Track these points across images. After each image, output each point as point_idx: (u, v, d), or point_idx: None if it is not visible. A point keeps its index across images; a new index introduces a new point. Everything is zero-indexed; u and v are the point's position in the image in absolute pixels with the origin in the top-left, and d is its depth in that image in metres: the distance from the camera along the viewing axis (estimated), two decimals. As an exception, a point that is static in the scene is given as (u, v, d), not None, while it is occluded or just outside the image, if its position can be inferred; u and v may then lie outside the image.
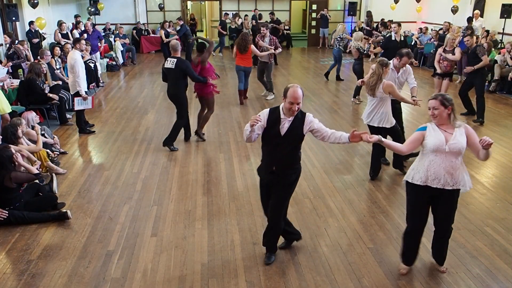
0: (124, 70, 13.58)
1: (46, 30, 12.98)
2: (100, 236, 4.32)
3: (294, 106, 3.43)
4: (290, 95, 3.41)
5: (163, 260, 3.93)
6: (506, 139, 7.24)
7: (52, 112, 8.12)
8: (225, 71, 13.42)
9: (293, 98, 3.41)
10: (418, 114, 8.52)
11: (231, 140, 7.08)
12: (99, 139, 7.18)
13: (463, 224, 4.54)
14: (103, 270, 3.79)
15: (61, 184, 5.46)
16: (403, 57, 5.83)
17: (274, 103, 9.38)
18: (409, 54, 5.86)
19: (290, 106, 3.43)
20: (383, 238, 4.28)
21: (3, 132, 5.43)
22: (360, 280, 3.66)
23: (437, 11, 16.77)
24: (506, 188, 5.42)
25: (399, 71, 5.95)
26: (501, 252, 4.06)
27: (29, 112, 6.28)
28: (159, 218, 4.65)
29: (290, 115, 3.49)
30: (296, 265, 3.85)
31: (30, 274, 3.73)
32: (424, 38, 14.77)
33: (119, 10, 17.50)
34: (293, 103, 3.42)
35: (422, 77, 12.04)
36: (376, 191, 5.34)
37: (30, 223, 4.49)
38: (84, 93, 7.14)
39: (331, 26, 17.84)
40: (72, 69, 7.05)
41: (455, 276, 3.71)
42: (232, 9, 18.36)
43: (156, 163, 6.16)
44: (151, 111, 8.83)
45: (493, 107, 9.28)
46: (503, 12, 12.19)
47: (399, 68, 5.93)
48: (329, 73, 11.83)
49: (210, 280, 3.66)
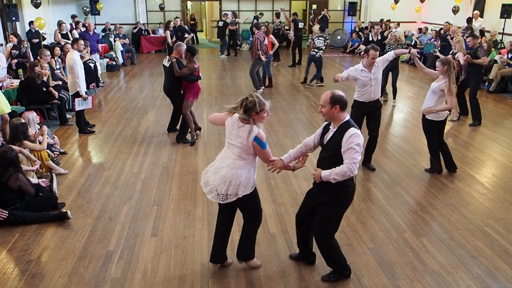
0: (124, 70, 13.58)
1: (46, 30, 13.00)
2: (100, 236, 4.32)
3: (321, 108, 3.37)
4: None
5: (163, 260, 3.93)
6: (506, 139, 7.24)
7: (52, 112, 8.13)
8: (225, 71, 13.42)
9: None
10: (418, 114, 8.52)
11: (231, 140, 7.08)
12: (99, 139, 7.18)
13: (463, 224, 4.54)
14: (103, 270, 3.79)
15: (61, 184, 5.46)
16: (369, 51, 5.46)
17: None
18: (373, 47, 5.55)
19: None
20: (383, 238, 4.28)
21: (13, 130, 5.43)
22: (360, 280, 3.66)
23: (437, 11, 16.77)
24: (506, 188, 5.42)
25: (372, 69, 5.54)
26: (501, 252, 4.06)
27: (29, 112, 6.28)
28: (159, 218, 4.65)
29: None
30: (296, 265, 3.85)
31: (30, 274, 3.73)
32: (424, 38, 14.78)
33: (119, 10, 17.50)
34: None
35: (422, 77, 12.04)
36: (376, 191, 5.34)
37: (30, 223, 4.49)
38: (84, 93, 7.15)
39: (331, 26, 17.86)
40: (71, 70, 7.05)
41: (455, 276, 3.71)
42: (232, 9, 18.37)
43: (156, 163, 6.16)
44: (151, 111, 8.83)
45: (493, 107, 9.28)
46: (503, 12, 12.19)
47: (371, 66, 5.53)
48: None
49: (210, 280, 3.66)
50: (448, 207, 4.91)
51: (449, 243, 4.19)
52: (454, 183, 5.54)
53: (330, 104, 3.27)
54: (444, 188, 5.41)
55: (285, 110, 8.90)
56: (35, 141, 5.60)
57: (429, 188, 5.41)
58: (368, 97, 5.61)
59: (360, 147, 3.23)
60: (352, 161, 3.19)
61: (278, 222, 4.57)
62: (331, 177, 3.25)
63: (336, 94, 3.30)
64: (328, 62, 15.05)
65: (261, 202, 3.94)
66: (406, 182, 5.58)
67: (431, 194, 5.25)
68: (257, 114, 3.31)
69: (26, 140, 5.41)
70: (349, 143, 3.20)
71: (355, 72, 5.57)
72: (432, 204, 4.98)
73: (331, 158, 3.32)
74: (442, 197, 5.17)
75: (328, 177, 3.26)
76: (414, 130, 7.72)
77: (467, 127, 7.83)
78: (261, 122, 3.38)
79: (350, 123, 3.30)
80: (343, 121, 3.31)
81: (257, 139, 3.32)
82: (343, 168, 3.20)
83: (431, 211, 4.82)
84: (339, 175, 3.22)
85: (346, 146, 3.21)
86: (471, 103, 7.93)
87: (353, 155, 3.19)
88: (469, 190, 5.36)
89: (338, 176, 3.22)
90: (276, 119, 8.15)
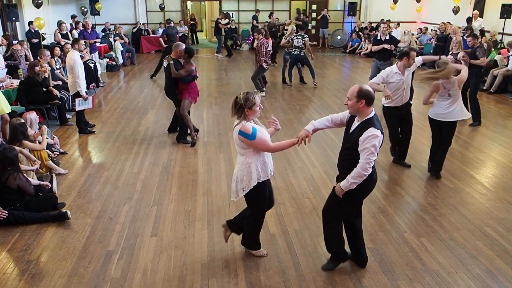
0: (124, 70, 13.58)
1: (46, 30, 12.99)
2: (100, 236, 4.32)
3: (347, 101, 3.40)
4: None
5: (163, 260, 3.93)
6: (506, 139, 7.24)
7: (52, 112, 8.12)
8: (225, 71, 13.42)
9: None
10: (418, 114, 8.52)
11: (231, 140, 7.08)
12: (99, 139, 7.18)
13: (463, 224, 4.54)
14: (103, 270, 3.79)
15: (61, 184, 5.46)
16: (409, 53, 5.38)
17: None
18: (412, 48, 5.51)
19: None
20: (383, 238, 4.28)
21: (12, 131, 5.43)
22: (360, 280, 3.66)
23: (437, 11, 16.77)
24: (506, 188, 5.42)
25: (405, 71, 5.48)
26: (501, 252, 4.06)
27: (30, 112, 6.28)
28: (159, 218, 4.65)
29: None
30: (296, 265, 3.85)
31: (30, 274, 3.73)
32: (424, 38, 14.78)
33: (119, 10, 17.49)
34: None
35: (422, 77, 12.03)
36: (376, 191, 5.33)
37: (30, 223, 4.49)
38: (85, 93, 7.15)
39: (331, 26, 17.86)
40: (71, 70, 7.05)
41: (455, 276, 3.71)
42: (232, 9, 18.38)
43: (156, 163, 6.16)
44: (151, 111, 8.83)
45: (493, 107, 9.28)
46: (503, 12, 12.19)
47: (404, 69, 5.46)
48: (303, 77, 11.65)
49: (210, 280, 3.66)
50: (448, 207, 4.91)
51: (449, 243, 4.19)
52: (454, 183, 5.54)
53: (357, 98, 3.30)
54: (444, 188, 5.41)
55: (285, 110, 8.90)
56: (35, 141, 5.60)
57: (429, 188, 5.41)
58: (400, 101, 5.60)
59: (376, 149, 3.27)
60: (367, 161, 3.25)
61: (278, 222, 4.56)
62: (349, 183, 3.34)
63: (364, 88, 3.33)
64: (328, 62, 15.07)
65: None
66: (406, 182, 5.58)
67: (431, 194, 5.25)
68: (250, 109, 3.45)
69: (25, 140, 5.41)
70: (366, 143, 3.24)
71: (389, 76, 5.47)
72: (432, 204, 4.98)
73: (348, 150, 3.41)
74: (442, 197, 5.17)
75: (347, 184, 3.35)
76: (414, 130, 7.67)
77: (467, 127, 7.83)
78: (255, 116, 3.52)
79: (372, 121, 3.31)
80: (367, 117, 3.33)
81: (241, 133, 3.43)
82: (357, 170, 3.28)
83: (431, 211, 4.82)
84: (355, 177, 3.30)
85: (363, 145, 3.26)
86: (471, 103, 7.92)
87: (368, 156, 3.24)
88: (469, 190, 5.36)
89: (355, 179, 3.31)
90: (276, 119, 8.12)
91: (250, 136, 3.40)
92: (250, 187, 3.52)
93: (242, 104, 3.44)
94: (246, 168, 3.52)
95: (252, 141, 3.41)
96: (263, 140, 3.46)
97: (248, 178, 3.52)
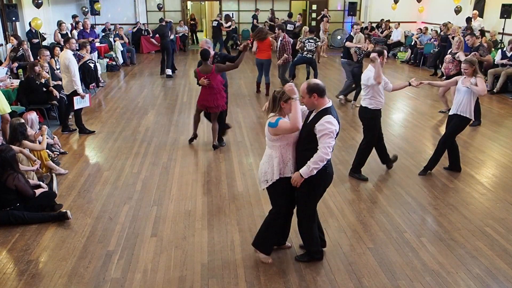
0: (124, 70, 13.58)
1: (46, 30, 12.99)
2: (100, 236, 4.32)
3: (302, 99, 3.53)
4: None
5: (163, 260, 3.93)
6: (506, 139, 7.24)
7: (52, 112, 8.12)
8: (225, 71, 13.39)
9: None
10: (418, 114, 8.52)
11: (231, 140, 7.08)
12: (99, 139, 7.18)
13: (463, 224, 4.54)
14: (103, 270, 3.79)
15: (61, 184, 5.46)
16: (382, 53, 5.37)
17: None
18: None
19: None
20: (383, 238, 4.28)
21: (12, 131, 5.43)
22: (360, 280, 3.66)
23: (437, 11, 16.77)
24: (506, 188, 5.42)
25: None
26: (501, 252, 4.06)
27: (30, 112, 6.28)
28: (159, 218, 4.65)
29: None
30: (296, 265, 3.85)
31: (30, 274, 3.73)
32: (424, 38, 14.77)
33: (119, 10, 17.49)
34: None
35: (422, 77, 12.05)
36: (376, 191, 5.34)
37: (30, 223, 4.49)
38: (82, 91, 7.14)
39: (331, 26, 17.85)
40: (66, 69, 7.01)
41: (455, 276, 3.71)
42: (232, 9, 18.38)
43: (156, 163, 6.16)
44: (151, 111, 8.83)
45: (493, 107, 9.28)
46: (503, 12, 12.19)
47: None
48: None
49: (210, 280, 3.66)
50: (448, 207, 4.92)
51: (449, 243, 4.19)
52: (454, 183, 5.54)
53: (308, 94, 3.44)
54: (444, 188, 5.41)
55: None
56: (35, 141, 5.60)
57: (429, 188, 5.41)
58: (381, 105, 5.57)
59: (334, 133, 3.36)
60: (327, 144, 3.34)
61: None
62: (310, 169, 3.38)
63: (311, 83, 3.47)
64: (328, 62, 15.06)
65: (261, 201, 3.94)
66: (406, 182, 5.58)
67: (431, 194, 5.25)
68: (285, 102, 3.47)
69: (25, 140, 5.41)
70: (323, 129, 3.34)
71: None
72: (432, 204, 4.98)
73: (305, 140, 3.48)
74: (442, 197, 5.17)
75: (308, 170, 3.40)
76: (414, 130, 7.72)
77: (467, 127, 7.80)
78: (289, 111, 3.50)
79: (329, 110, 3.43)
80: (324, 107, 3.44)
81: (269, 123, 3.49)
82: (318, 154, 3.36)
83: (431, 211, 4.82)
84: (316, 162, 3.36)
85: (321, 131, 3.34)
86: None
87: (327, 139, 3.34)
88: (469, 190, 5.36)
89: (316, 164, 3.36)
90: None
91: (273, 124, 3.46)
92: (273, 179, 3.58)
93: (278, 98, 3.47)
94: (270, 161, 3.58)
95: (276, 127, 3.45)
96: (285, 123, 3.48)
97: (271, 171, 3.58)
